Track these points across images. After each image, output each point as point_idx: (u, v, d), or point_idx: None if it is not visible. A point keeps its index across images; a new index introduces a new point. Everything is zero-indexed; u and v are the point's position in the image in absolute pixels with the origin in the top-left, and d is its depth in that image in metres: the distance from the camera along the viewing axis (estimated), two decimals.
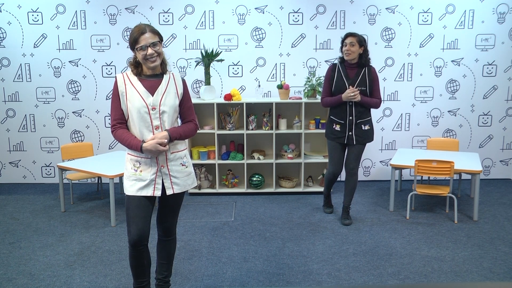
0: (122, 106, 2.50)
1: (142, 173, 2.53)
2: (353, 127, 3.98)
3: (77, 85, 5.37)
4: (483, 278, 3.19)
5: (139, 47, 2.42)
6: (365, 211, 4.55)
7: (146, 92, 2.47)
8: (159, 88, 2.51)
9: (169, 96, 2.53)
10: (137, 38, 2.41)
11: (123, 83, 2.49)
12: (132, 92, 2.47)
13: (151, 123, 2.49)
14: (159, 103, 2.49)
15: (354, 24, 5.23)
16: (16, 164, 5.57)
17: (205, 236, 3.93)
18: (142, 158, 2.52)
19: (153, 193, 2.54)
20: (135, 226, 2.51)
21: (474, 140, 5.58)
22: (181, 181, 2.61)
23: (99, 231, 4.04)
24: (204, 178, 5.15)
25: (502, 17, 5.28)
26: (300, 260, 3.45)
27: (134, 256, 2.59)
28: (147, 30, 2.42)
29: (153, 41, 2.42)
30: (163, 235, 2.73)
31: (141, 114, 2.46)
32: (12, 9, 5.18)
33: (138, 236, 2.51)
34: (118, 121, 2.51)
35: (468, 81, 5.42)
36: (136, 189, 2.52)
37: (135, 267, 2.63)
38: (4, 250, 3.65)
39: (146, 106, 2.46)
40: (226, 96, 4.92)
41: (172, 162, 2.57)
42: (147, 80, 2.51)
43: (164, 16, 5.20)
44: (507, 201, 4.85)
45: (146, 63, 2.46)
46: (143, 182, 2.53)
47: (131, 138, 2.48)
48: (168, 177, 2.56)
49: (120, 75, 2.52)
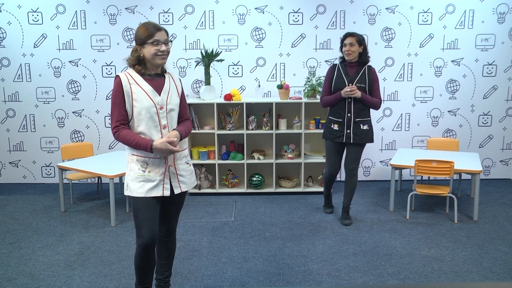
0: (127, 106, 2.46)
1: (151, 174, 2.50)
2: (352, 125, 3.98)
3: (77, 85, 5.37)
4: (483, 278, 3.19)
5: (153, 41, 2.39)
6: (365, 211, 4.55)
7: (153, 91, 2.47)
8: (165, 87, 2.51)
9: (174, 95, 2.55)
10: (153, 33, 2.40)
11: (128, 82, 2.44)
12: (139, 92, 2.45)
13: (159, 122, 2.48)
14: (166, 102, 2.49)
15: (354, 24, 5.23)
16: (16, 164, 5.57)
17: (205, 236, 3.93)
18: (150, 159, 2.50)
19: (162, 193, 2.53)
20: (147, 229, 2.50)
21: (474, 140, 5.58)
22: (187, 180, 2.64)
23: (99, 231, 4.04)
24: (204, 178, 5.15)
25: (502, 17, 5.28)
26: (300, 260, 3.45)
27: (143, 258, 2.58)
28: (162, 29, 2.44)
29: (166, 38, 2.44)
30: (165, 235, 2.73)
31: (150, 113, 2.45)
32: (12, 9, 5.18)
33: (150, 239, 2.51)
34: (121, 122, 2.45)
35: (468, 81, 5.42)
36: (145, 191, 2.49)
37: (142, 268, 2.62)
38: (4, 250, 3.65)
39: (155, 105, 2.46)
40: (226, 96, 4.92)
41: (178, 161, 2.59)
42: (153, 80, 2.50)
43: (164, 16, 5.20)
44: (507, 201, 4.85)
45: (155, 59, 2.43)
46: (152, 182, 2.50)
47: (139, 138, 2.44)
48: (175, 176, 2.57)
49: (123, 75, 2.47)
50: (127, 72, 2.50)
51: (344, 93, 3.89)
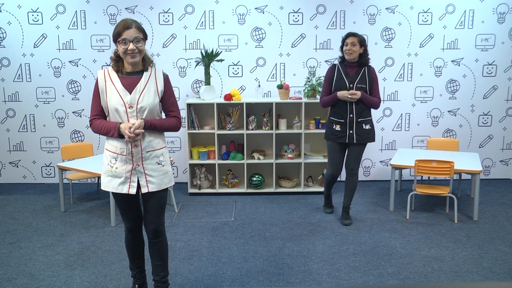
0: (102, 103, 2.52)
1: (117, 170, 2.55)
2: (354, 125, 3.98)
3: (77, 85, 5.37)
4: (483, 278, 3.19)
5: (121, 40, 2.41)
6: (365, 211, 4.55)
7: (124, 90, 2.48)
8: (138, 86, 2.50)
9: (148, 94, 2.51)
10: (120, 32, 2.41)
11: (103, 80, 2.51)
12: (111, 89, 2.49)
13: (128, 121, 2.49)
14: (136, 101, 2.49)
15: (354, 24, 5.23)
16: (16, 164, 5.57)
17: (205, 236, 3.93)
18: (118, 155, 2.54)
19: (128, 190, 2.56)
20: (126, 217, 2.71)
21: (474, 140, 5.58)
22: (156, 180, 2.60)
23: (99, 231, 4.04)
24: (204, 178, 5.15)
25: (502, 17, 5.28)
26: (300, 260, 3.45)
27: (131, 239, 2.77)
28: (133, 25, 2.42)
29: (136, 36, 2.41)
30: (152, 237, 2.70)
31: (118, 112, 2.48)
32: (12, 9, 5.18)
33: (130, 225, 2.73)
34: (96, 116, 2.55)
35: (468, 81, 5.42)
36: (112, 186, 2.58)
37: (132, 249, 2.78)
38: (4, 250, 3.65)
39: (124, 104, 2.47)
40: (226, 96, 4.92)
41: (147, 161, 2.57)
42: (127, 78, 2.51)
43: (164, 16, 5.20)
44: (507, 201, 4.85)
45: (126, 58, 2.46)
46: (118, 179, 2.56)
47: (108, 123, 2.50)
48: (143, 175, 2.57)
49: (101, 72, 2.52)
50: (107, 69, 2.55)
51: (342, 97, 3.90)
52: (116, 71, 2.52)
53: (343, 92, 3.90)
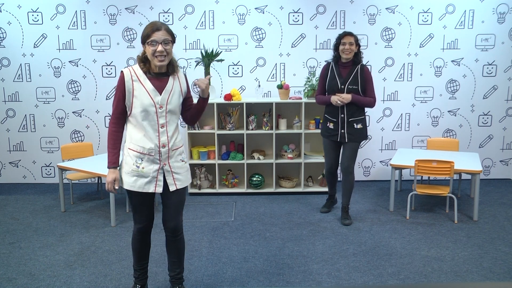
0: (126, 102, 2.51)
1: (144, 170, 2.55)
2: (345, 125, 4.05)
3: (77, 85, 5.37)
4: (483, 278, 3.19)
5: (150, 41, 2.41)
6: (365, 211, 4.55)
7: (155, 91, 2.49)
8: (167, 87, 2.53)
9: (175, 95, 2.57)
10: (149, 34, 2.42)
11: (131, 79, 2.49)
12: (140, 89, 2.48)
13: (157, 121, 2.52)
14: (166, 102, 2.52)
15: (354, 24, 5.23)
16: (16, 164, 5.57)
17: (205, 236, 3.93)
18: (145, 155, 2.54)
19: (154, 189, 2.58)
20: (140, 216, 2.69)
21: (474, 140, 5.58)
22: (182, 177, 2.66)
23: (99, 231, 4.04)
24: (204, 178, 5.15)
25: (502, 17, 5.28)
26: (300, 260, 3.45)
27: (139, 240, 2.75)
28: (162, 28, 2.44)
29: (165, 38, 2.43)
30: (171, 235, 2.74)
31: (148, 112, 2.49)
32: (12, 9, 5.18)
33: (144, 224, 2.71)
34: (118, 115, 2.55)
35: (468, 81, 5.42)
36: (138, 186, 2.56)
37: (139, 250, 2.78)
38: (4, 250, 3.65)
39: (154, 104, 2.48)
40: (226, 96, 4.92)
41: (172, 159, 2.61)
42: (155, 79, 2.52)
43: (164, 16, 5.20)
44: (507, 201, 4.85)
45: (154, 60, 2.46)
46: (145, 178, 2.56)
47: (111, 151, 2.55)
48: (170, 174, 2.60)
49: (127, 70, 2.50)
50: (131, 68, 2.53)
51: (333, 102, 3.99)
52: (144, 72, 2.51)
53: (334, 98, 3.98)
